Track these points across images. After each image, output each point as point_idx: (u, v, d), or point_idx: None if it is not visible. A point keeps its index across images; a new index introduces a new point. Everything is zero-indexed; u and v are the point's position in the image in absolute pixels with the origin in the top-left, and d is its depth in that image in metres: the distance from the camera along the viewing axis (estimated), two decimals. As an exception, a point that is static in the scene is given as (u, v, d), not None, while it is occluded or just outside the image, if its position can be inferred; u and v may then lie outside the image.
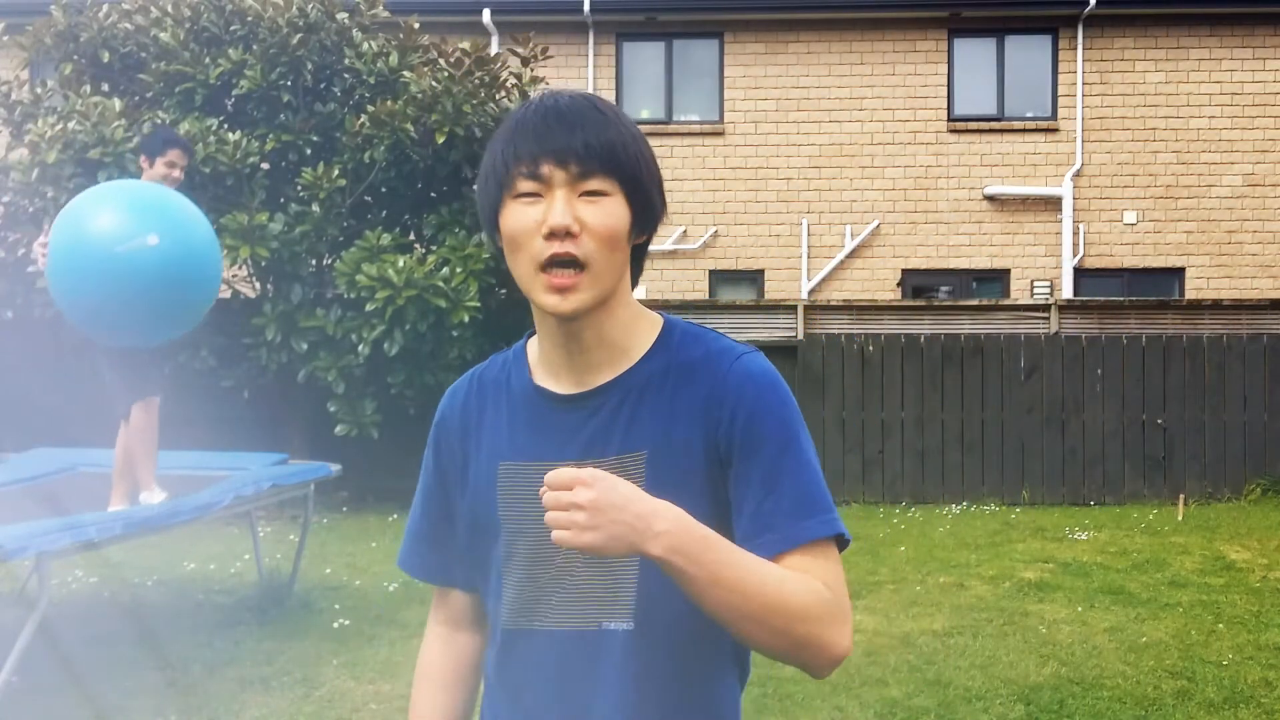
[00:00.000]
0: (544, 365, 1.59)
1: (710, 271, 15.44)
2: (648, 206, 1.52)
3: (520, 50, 10.58)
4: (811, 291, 15.14)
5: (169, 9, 10.40)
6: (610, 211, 1.46)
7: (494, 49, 13.74)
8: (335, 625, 6.43)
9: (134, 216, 4.76)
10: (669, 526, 1.33)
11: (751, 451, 1.48)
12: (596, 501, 1.30)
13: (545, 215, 1.44)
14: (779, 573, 1.41)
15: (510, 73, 10.61)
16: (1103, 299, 12.64)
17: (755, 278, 15.52)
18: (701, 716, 1.56)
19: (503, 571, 1.58)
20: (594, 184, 1.45)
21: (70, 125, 9.27)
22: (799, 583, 1.41)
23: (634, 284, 1.59)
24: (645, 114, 15.71)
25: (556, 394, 1.57)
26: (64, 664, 5.48)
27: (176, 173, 5.85)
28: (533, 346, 1.63)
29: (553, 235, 1.43)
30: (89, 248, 4.68)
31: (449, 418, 1.67)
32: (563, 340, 1.54)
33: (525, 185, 1.46)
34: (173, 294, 4.90)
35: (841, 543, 1.49)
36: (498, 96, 10.35)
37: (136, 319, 4.91)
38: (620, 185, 1.47)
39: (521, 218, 1.46)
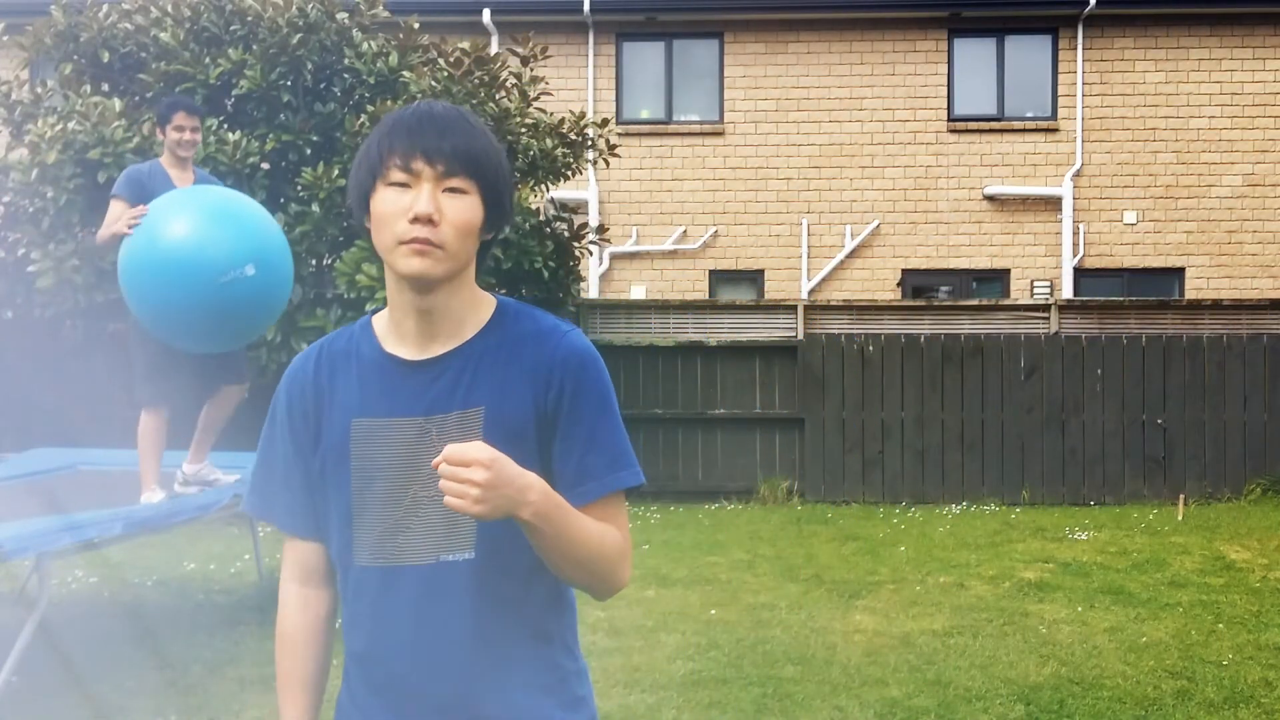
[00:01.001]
0: (392, 335, 1.81)
1: (710, 271, 15.43)
2: (499, 209, 1.77)
3: (520, 50, 10.58)
4: (811, 291, 15.13)
5: (169, 9, 10.39)
6: (468, 207, 1.72)
7: (494, 49, 13.73)
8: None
9: (237, 245, 5.01)
10: (537, 498, 1.61)
11: (575, 414, 1.77)
12: (490, 481, 1.54)
13: (412, 203, 1.68)
14: (598, 528, 1.73)
15: (510, 73, 10.61)
16: (1103, 299, 12.63)
17: (755, 278, 15.51)
18: (541, 639, 1.82)
19: (353, 517, 1.78)
20: (456, 182, 1.70)
21: (70, 125, 9.26)
22: (609, 534, 1.75)
23: (478, 272, 1.84)
24: (645, 114, 15.71)
25: (405, 359, 1.79)
26: (64, 664, 5.48)
27: (188, 134, 5.92)
28: (379, 322, 1.84)
29: (416, 220, 1.68)
30: (191, 274, 4.94)
31: (300, 381, 1.87)
32: (414, 311, 1.76)
33: (397, 175, 1.70)
34: (258, 318, 5.42)
35: (631, 491, 1.81)
36: (497, 96, 10.34)
37: (217, 337, 5.35)
38: (478, 187, 1.72)
39: (391, 202, 1.70)
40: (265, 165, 9.94)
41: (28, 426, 9.13)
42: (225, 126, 9.88)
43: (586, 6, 14.93)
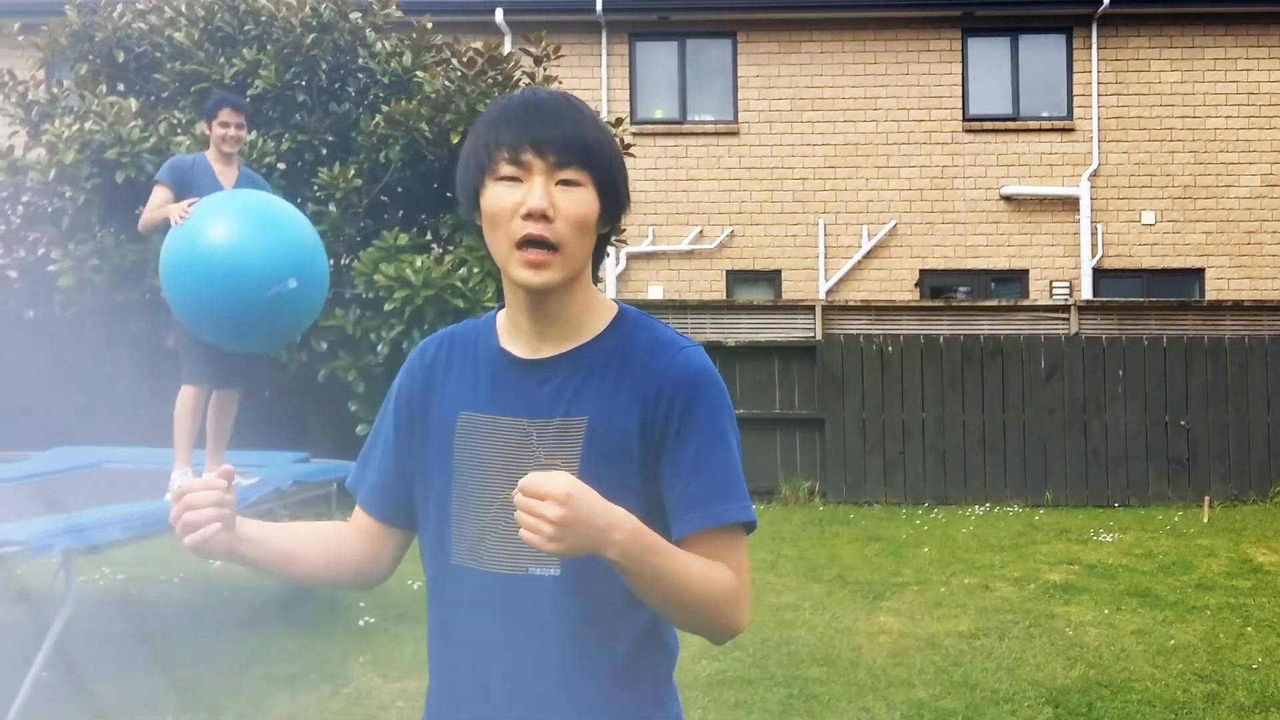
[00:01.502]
0: (510, 332, 1.75)
1: (727, 272, 15.39)
2: (615, 199, 1.67)
3: (533, 50, 10.55)
4: (829, 292, 15.09)
5: (183, 9, 10.40)
6: (583, 200, 1.62)
7: (507, 48, 13.72)
8: (361, 623, 6.41)
9: (283, 258, 5.09)
10: (623, 537, 1.50)
11: (685, 437, 1.65)
12: (565, 519, 1.44)
13: (524, 198, 1.60)
14: (703, 569, 1.60)
15: (523, 72, 10.59)
16: (1123, 300, 12.58)
17: (772, 278, 15.47)
18: (627, 682, 1.69)
19: (451, 512, 1.72)
20: (569, 173, 1.61)
21: (87, 125, 9.26)
22: (716, 574, 1.61)
23: (595, 271, 1.77)
24: (659, 114, 15.68)
25: (517, 357, 1.73)
26: (91, 661, 5.46)
27: (232, 130, 6.05)
28: (502, 317, 1.79)
29: (529, 216, 1.59)
30: (235, 285, 4.99)
31: (417, 366, 1.83)
32: (529, 311, 1.70)
33: (506, 169, 1.61)
34: (296, 326, 5.55)
35: (749, 529, 1.69)
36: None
37: (254, 341, 5.53)
38: (592, 177, 1.63)
39: (501, 198, 1.62)
40: (281, 165, 9.94)
41: (51, 425, 9.13)
42: (242, 126, 9.89)
43: (599, 6, 14.91)
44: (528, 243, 1.60)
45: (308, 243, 5.35)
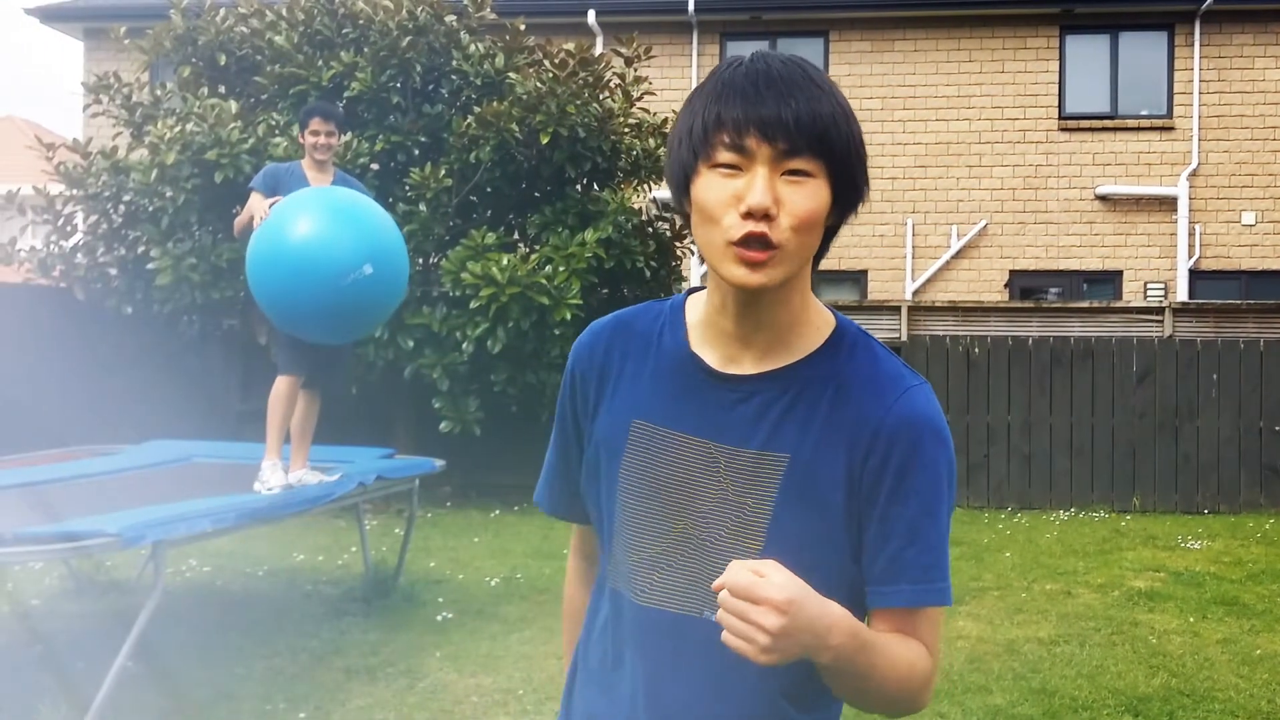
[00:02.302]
0: (703, 332, 1.51)
1: (813, 272, 15.30)
2: (850, 190, 1.44)
3: (624, 51, 10.62)
4: (916, 292, 14.96)
5: (283, 13, 10.64)
6: (812, 195, 1.38)
7: (598, 49, 13.81)
8: (439, 618, 6.52)
9: (357, 245, 5.30)
10: (841, 640, 1.30)
11: (899, 495, 1.42)
12: (785, 628, 1.24)
13: (744, 192, 1.36)
14: (906, 656, 1.41)
15: (614, 73, 10.66)
16: (1219, 302, 12.30)
17: (858, 278, 15.38)
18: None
19: (615, 530, 1.53)
20: (799, 163, 1.37)
21: (188, 127, 9.53)
22: (917, 660, 1.42)
23: (816, 265, 1.53)
24: (749, 113, 15.64)
25: (712, 368, 1.49)
26: (177, 651, 5.64)
27: (323, 139, 6.21)
28: (692, 308, 1.55)
29: (750, 215, 1.35)
30: (314, 275, 5.21)
31: (588, 357, 1.59)
32: (735, 312, 1.46)
33: (726, 156, 1.37)
34: (378, 313, 5.73)
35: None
36: (601, 97, 10.41)
37: (339, 332, 5.71)
38: (826, 167, 1.38)
39: (718, 190, 1.38)
40: (375, 166, 10.13)
41: (146, 419, 9.41)
42: (337, 127, 10.10)
43: (691, 6, 14.95)
44: (745, 241, 1.36)
45: (382, 230, 5.53)
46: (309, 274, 5.21)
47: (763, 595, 1.23)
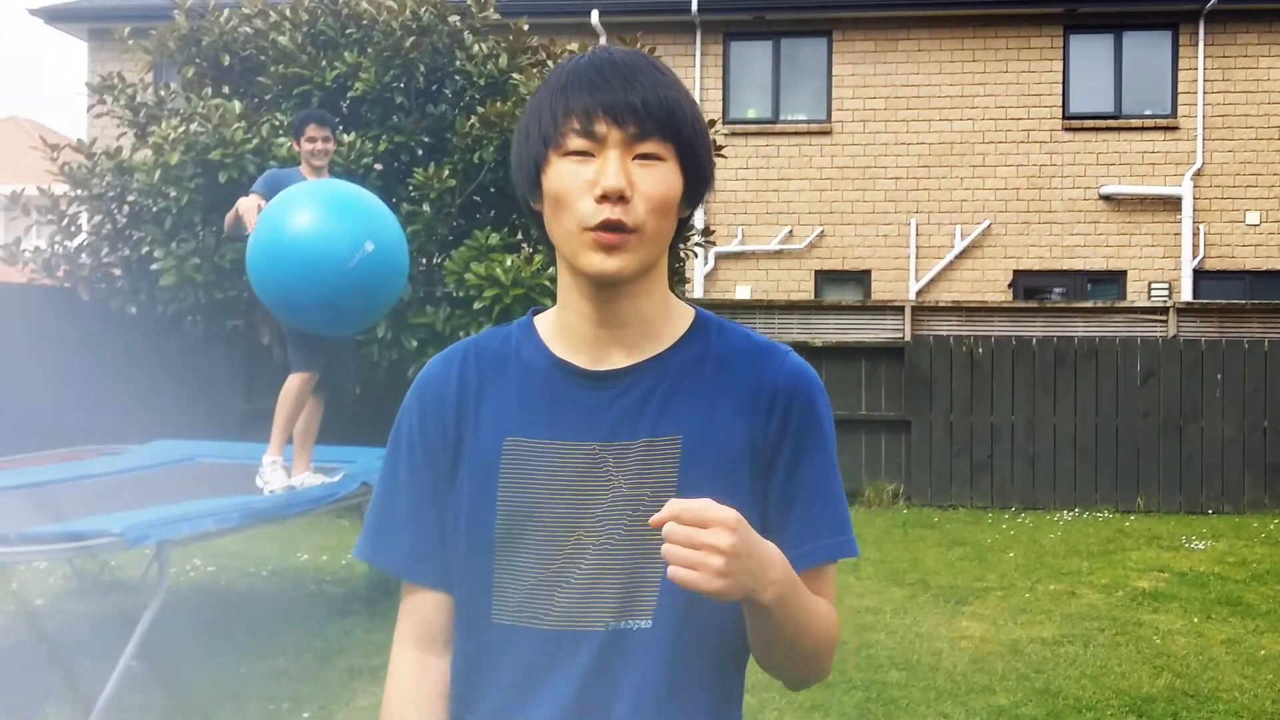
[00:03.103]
0: (563, 340, 1.46)
1: (816, 272, 15.34)
2: (699, 175, 1.41)
3: (628, 50, 10.61)
4: (919, 292, 14.96)
5: (287, 13, 10.64)
6: (664, 178, 1.36)
7: (602, 49, 13.80)
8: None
9: (352, 225, 5.31)
10: (779, 575, 1.27)
11: (803, 454, 1.43)
12: (737, 549, 1.20)
13: (597, 176, 1.34)
14: (824, 609, 1.40)
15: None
16: (1224, 302, 12.29)
17: (862, 278, 15.38)
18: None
19: (494, 561, 1.42)
20: (650, 147, 1.35)
21: (192, 127, 9.53)
22: (830, 618, 1.41)
23: (671, 265, 1.51)
24: (751, 113, 15.68)
25: (582, 369, 1.44)
26: (181, 650, 5.65)
27: (319, 144, 6.26)
28: (543, 322, 1.50)
29: (605, 198, 1.33)
30: (317, 267, 5.20)
31: (438, 388, 1.49)
32: (595, 311, 1.42)
33: (576, 143, 1.35)
34: (389, 290, 5.65)
35: None
36: (605, 97, 10.39)
37: (353, 318, 5.71)
38: (676, 150, 1.37)
39: (570, 177, 1.35)
40: (378, 166, 10.13)
41: (150, 419, 9.42)
42: (340, 128, 10.10)
43: (694, 6, 14.95)
44: (602, 228, 1.34)
45: (371, 205, 5.54)
46: (314, 265, 5.21)
47: (712, 515, 1.19)
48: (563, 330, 1.46)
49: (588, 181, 1.34)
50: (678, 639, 1.39)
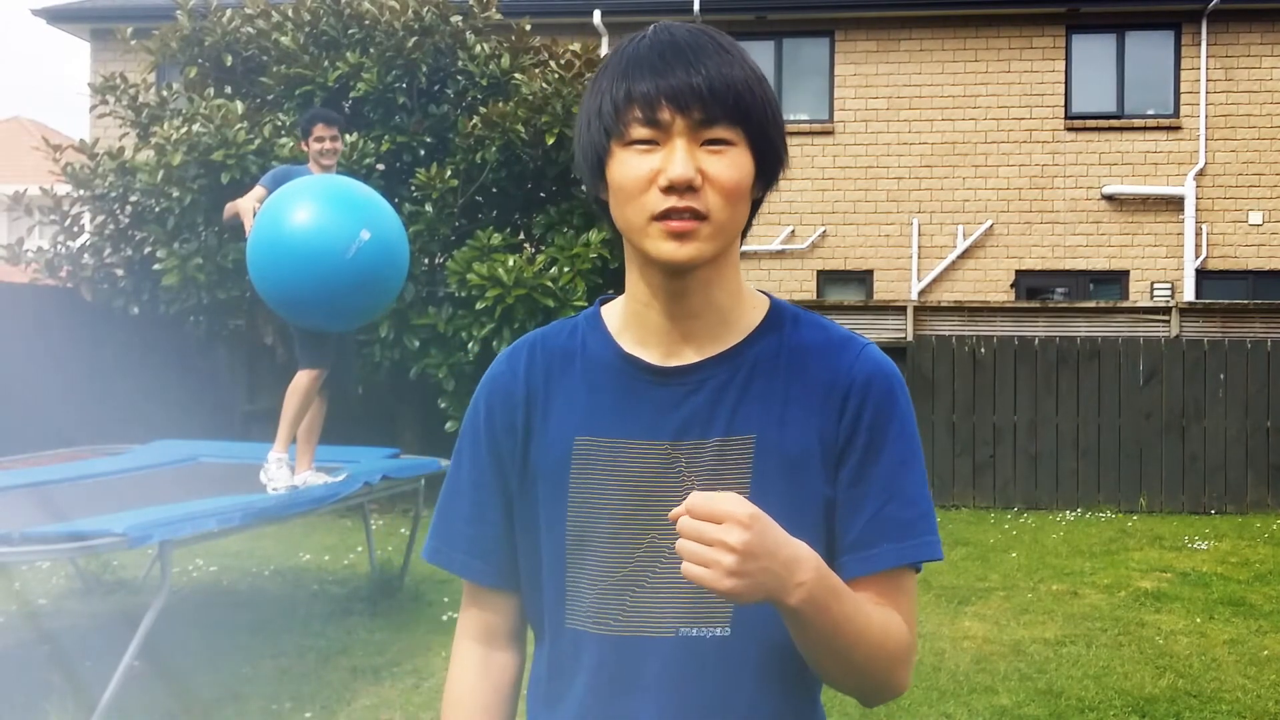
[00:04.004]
0: (631, 332, 1.40)
1: (818, 272, 15.33)
2: (772, 158, 1.34)
3: (630, 51, 10.61)
4: (921, 292, 14.95)
5: (289, 13, 10.65)
6: (735, 163, 1.29)
7: (604, 50, 13.81)
8: (444, 618, 6.52)
9: (346, 216, 5.35)
10: (809, 577, 1.19)
11: (876, 451, 1.34)
12: (750, 546, 1.13)
13: (664, 165, 1.27)
14: (881, 618, 1.30)
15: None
16: (1226, 302, 12.28)
17: (864, 278, 15.37)
18: None
19: (567, 565, 1.38)
20: (718, 132, 1.28)
21: (195, 128, 9.54)
22: (893, 628, 1.31)
23: (742, 240, 1.43)
24: (755, 113, 15.64)
25: (651, 364, 1.37)
26: (183, 650, 5.65)
27: (327, 144, 6.28)
28: (610, 313, 1.45)
29: (672, 189, 1.26)
30: (316, 261, 5.25)
31: (505, 385, 1.45)
32: (665, 302, 1.36)
33: (640, 132, 1.28)
34: (393, 273, 5.71)
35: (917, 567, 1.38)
36: (607, 97, 10.39)
37: (362, 310, 5.80)
38: (745, 134, 1.29)
39: (635, 168, 1.28)
40: (380, 166, 10.14)
41: (152, 419, 9.43)
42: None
43: (696, 6, 14.94)
44: (670, 214, 1.27)
45: (365, 196, 5.58)
46: (312, 258, 5.24)
47: (724, 510, 1.13)
48: (631, 321, 1.41)
49: (654, 171, 1.27)
50: (759, 647, 1.33)
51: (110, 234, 10.52)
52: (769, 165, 1.34)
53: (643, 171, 1.27)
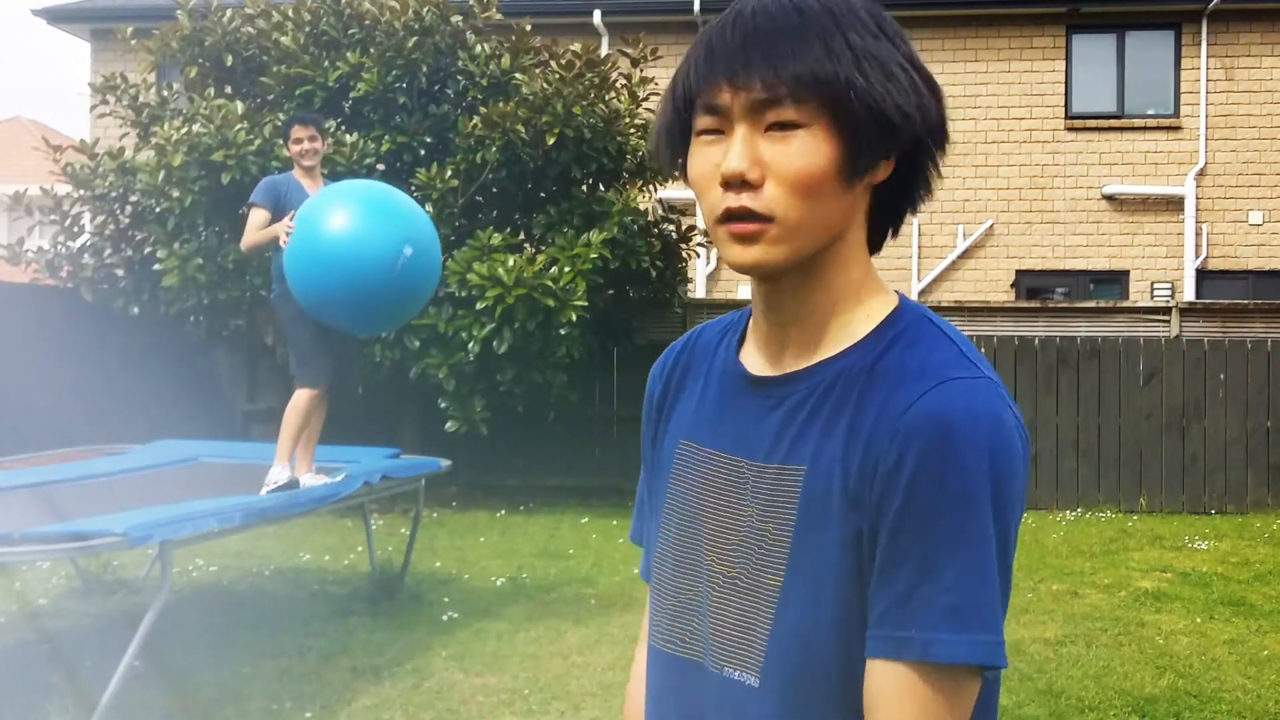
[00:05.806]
0: (751, 338, 1.27)
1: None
2: (871, 133, 1.11)
3: (630, 51, 10.62)
4: (922, 292, 14.95)
5: (290, 13, 10.65)
6: (802, 149, 1.09)
7: (604, 50, 13.82)
8: (444, 618, 6.53)
9: (391, 232, 5.43)
10: None
11: (910, 515, 1.06)
12: None
13: (722, 158, 1.11)
14: None
15: (620, 74, 10.66)
16: (1226, 301, 12.28)
17: (865, 278, 15.34)
18: None
19: (651, 572, 1.31)
20: (782, 113, 1.09)
21: (195, 128, 9.54)
22: None
23: (880, 242, 1.27)
24: (755, 114, 15.64)
25: (748, 373, 1.24)
26: (184, 650, 5.66)
27: (305, 145, 6.27)
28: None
29: (727, 185, 1.10)
30: (362, 273, 5.34)
31: (653, 384, 1.38)
32: (762, 309, 1.22)
33: (704, 121, 1.13)
34: (425, 291, 5.81)
35: (984, 670, 1.10)
36: (607, 97, 10.41)
37: (396, 317, 6.00)
38: (824, 110, 1.08)
39: (700, 163, 1.14)
40: (381, 166, 10.14)
41: (153, 419, 9.43)
42: (343, 128, 10.11)
43: (697, 7, 14.93)
44: (729, 218, 1.11)
45: (406, 207, 5.66)
46: (361, 281, 5.33)
47: None
48: (752, 325, 1.27)
49: (715, 165, 1.11)
50: (785, 704, 1.14)
51: (110, 234, 10.53)
52: (864, 144, 1.11)
53: (708, 166, 1.13)
